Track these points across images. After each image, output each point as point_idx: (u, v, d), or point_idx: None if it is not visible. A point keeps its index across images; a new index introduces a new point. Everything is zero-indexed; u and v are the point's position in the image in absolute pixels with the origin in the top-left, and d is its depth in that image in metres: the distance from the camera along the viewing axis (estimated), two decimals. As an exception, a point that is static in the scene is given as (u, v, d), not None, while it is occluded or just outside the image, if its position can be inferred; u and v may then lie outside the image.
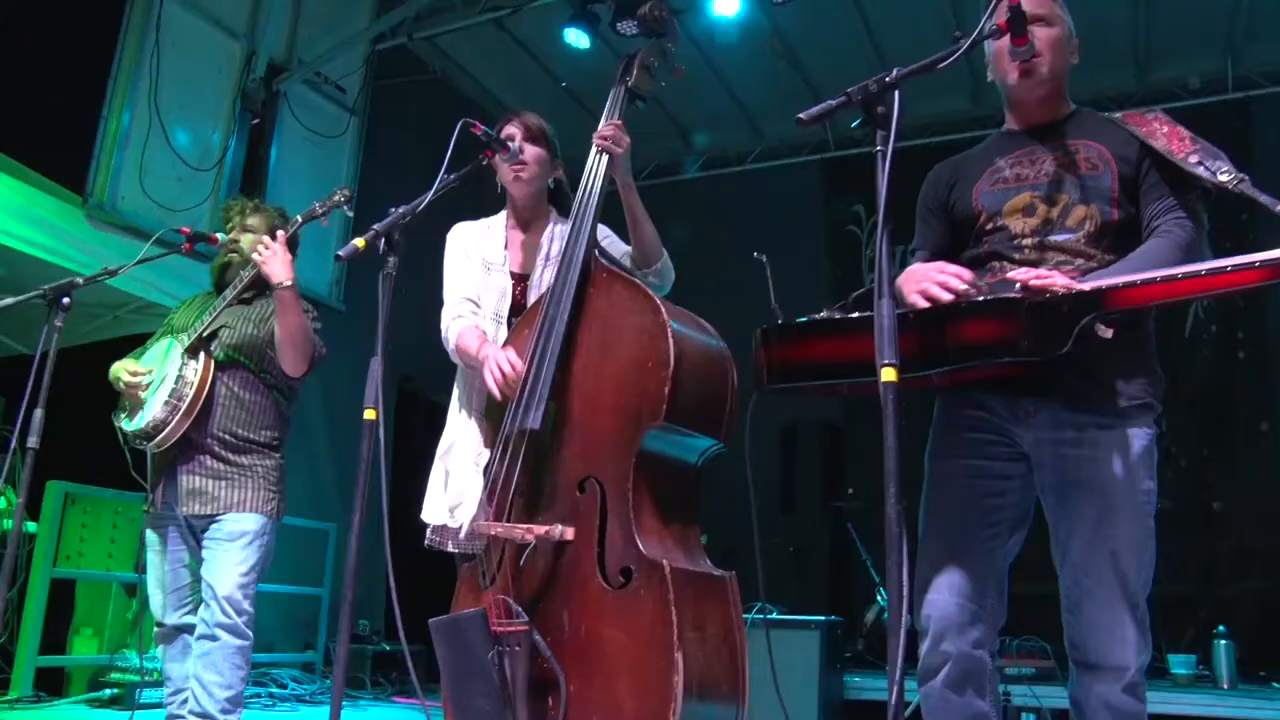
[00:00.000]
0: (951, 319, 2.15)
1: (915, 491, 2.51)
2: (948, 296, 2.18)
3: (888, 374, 1.78)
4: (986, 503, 2.41)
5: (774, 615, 5.39)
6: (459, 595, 2.76)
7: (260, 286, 3.52)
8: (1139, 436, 2.30)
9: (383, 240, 2.62)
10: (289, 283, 3.32)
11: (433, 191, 2.70)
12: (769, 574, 2.77)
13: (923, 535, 2.45)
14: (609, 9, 6.46)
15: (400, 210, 2.67)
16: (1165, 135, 2.36)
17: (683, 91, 7.54)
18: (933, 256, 2.60)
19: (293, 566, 6.46)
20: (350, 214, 3.59)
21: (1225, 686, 5.83)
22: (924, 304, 2.21)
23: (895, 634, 1.72)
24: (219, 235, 3.63)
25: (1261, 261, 1.91)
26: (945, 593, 2.36)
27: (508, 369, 2.70)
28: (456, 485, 2.96)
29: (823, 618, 5.46)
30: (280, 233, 3.42)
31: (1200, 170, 2.25)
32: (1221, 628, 6.01)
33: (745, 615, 2.53)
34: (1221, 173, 2.23)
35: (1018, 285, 2.14)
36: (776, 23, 7.08)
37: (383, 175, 7.25)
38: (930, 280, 2.22)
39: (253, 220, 3.64)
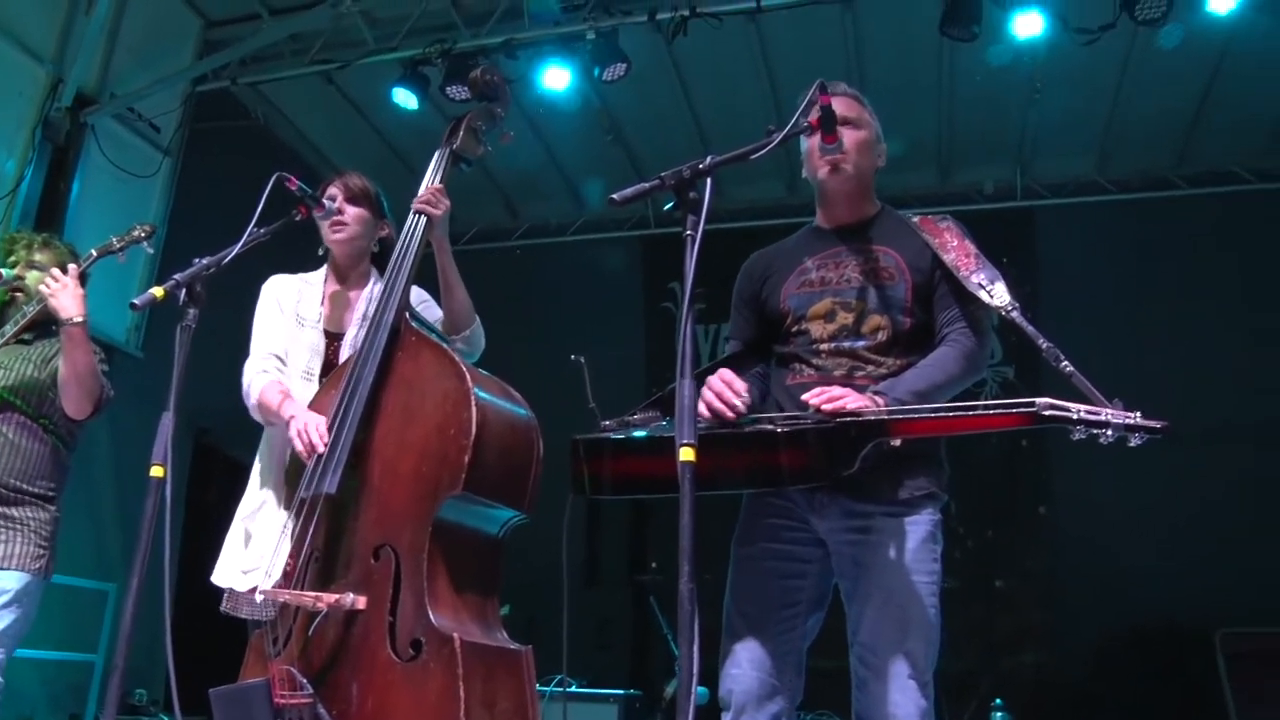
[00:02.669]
0: (752, 448, 2.29)
1: (719, 568, 2.59)
2: (729, 414, 2.33)
3: (685, 454, 1.84)
4: (786, 584, 2.53)
5: (573, 688, 5.36)
6: (247, 663, 2.65)
7: (41, 326, 3.33)
8: (923, 523, 2.44)
9: (183, 291, 2.53)
10: (80, 318, 3.15)
11: (240, 244, 2.63)
12: (571, 646, 2.76)
13: (727, 613, 2.55)
14: (440, 72, 6.46)
15: (204, 261, 2.59)
16: (955, 249, 2.55)
17: (509, 159, 7.59)
18: (745, 346, 2.77)
19: (65, 629, 6.01)
20: (151, 250, 3.43)
21: (1001, 758, 6.12)
22: (707, 414, 2.35)
23: (684, 711, 1.75)
24: (3, 271, 3.41)
25: (1018, 410, 2.11)
26: (747, 667, 2.46)
27: (315, 439, 2.61)
28: (258, 549, 2.85)
29: (622, 691, 5.46)
30: (72, 266, 3.25)
31: (980, 293, 2.45)
32: (999, 700, 6.32)
33: (543, 688, 2.51)
34: (997, 296, 2.42)
35: (810, 409, 2.28)
36: (605, 100, 7.23)
37: (194, 221, 6.96)
38: (712, 392, 2.37)
39: (40, 256, 3.44)
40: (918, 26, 6.11)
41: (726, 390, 2.36)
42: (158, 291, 2.52)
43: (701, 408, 2.35)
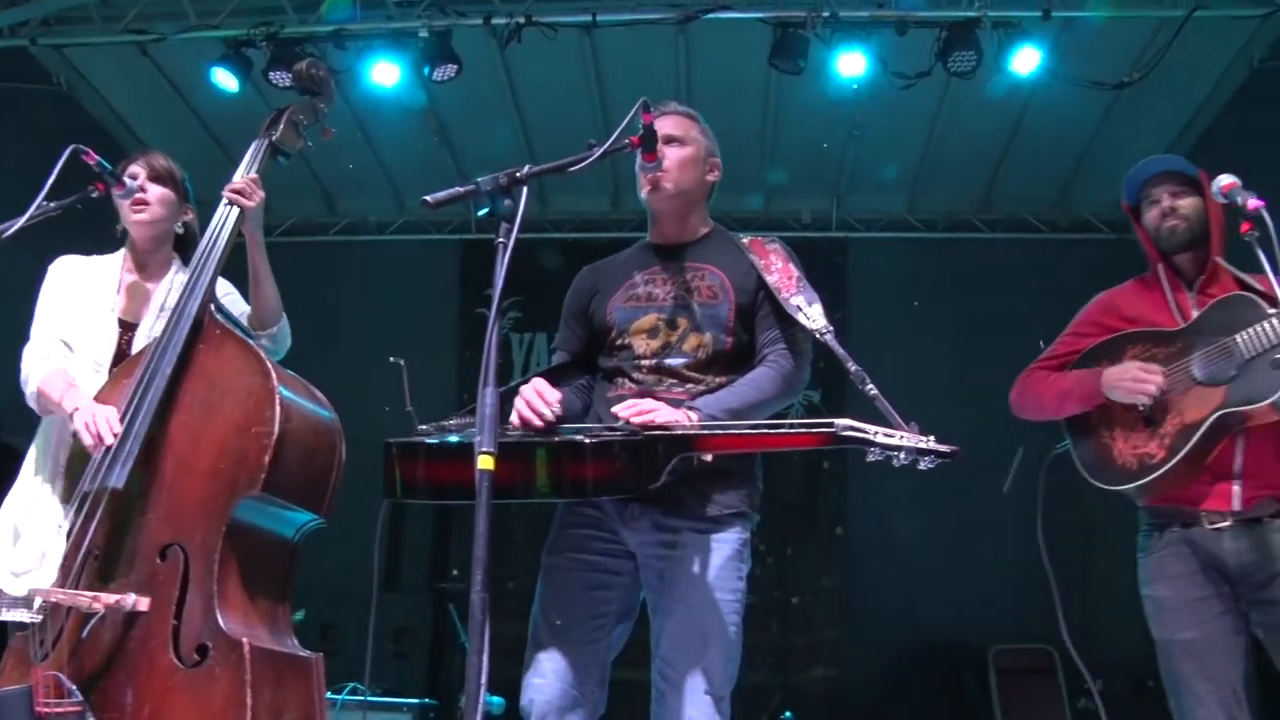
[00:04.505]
0: (560, 458, 2.28)
1: (524, 577, 2.58)
2: (537, 423, 2.34)
3: (484, 462, 1.82)
4: (593, 595, 2.54)
5: (368, 697, 5.23)
6: (5, 669, 2.48)
7: None
8: (730, 541, 2.50)
9: (-45, 265, 2.35)
10: None
11: (25, 217, 2.47)
12: (366, 654, 2.70)
13: (534, 622, 2.55)
14: (264, 55, 6.22)
15: (-18, 234, 2.41)
16: (779, 271, 2.62)
17: (330, 153, 7.35)
18: (572, 358, 2.77)
19: None
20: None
21: (788, 770, 6.32)
22: (517, 422, 2.35)
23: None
24: None
25: (818, 430, 2.21)
26: (550, 678, 2.46)
27: (104, 431, 2.47)
28: (30, 546, 2.67)
29: (417, 700, 5.38)
30: None
31: (798, 315, 2.51)
32: (788, 714, 6.52)
33: (335, 696, 2.45)
34: (814, 319, 2.50)
35: (621, 421, 2.30)
36: (434, 99, 7.12)
37: (-21, 189, 6.48)
38: (523, 400, 2.37)
39: None
40: (748, 55, 6.26)
41: (536, 399, 2.36)
42: (-76, 263, 2.33)
43: (514, 417, 2.35)
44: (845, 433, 2.14)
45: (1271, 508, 2.76)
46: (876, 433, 2.12)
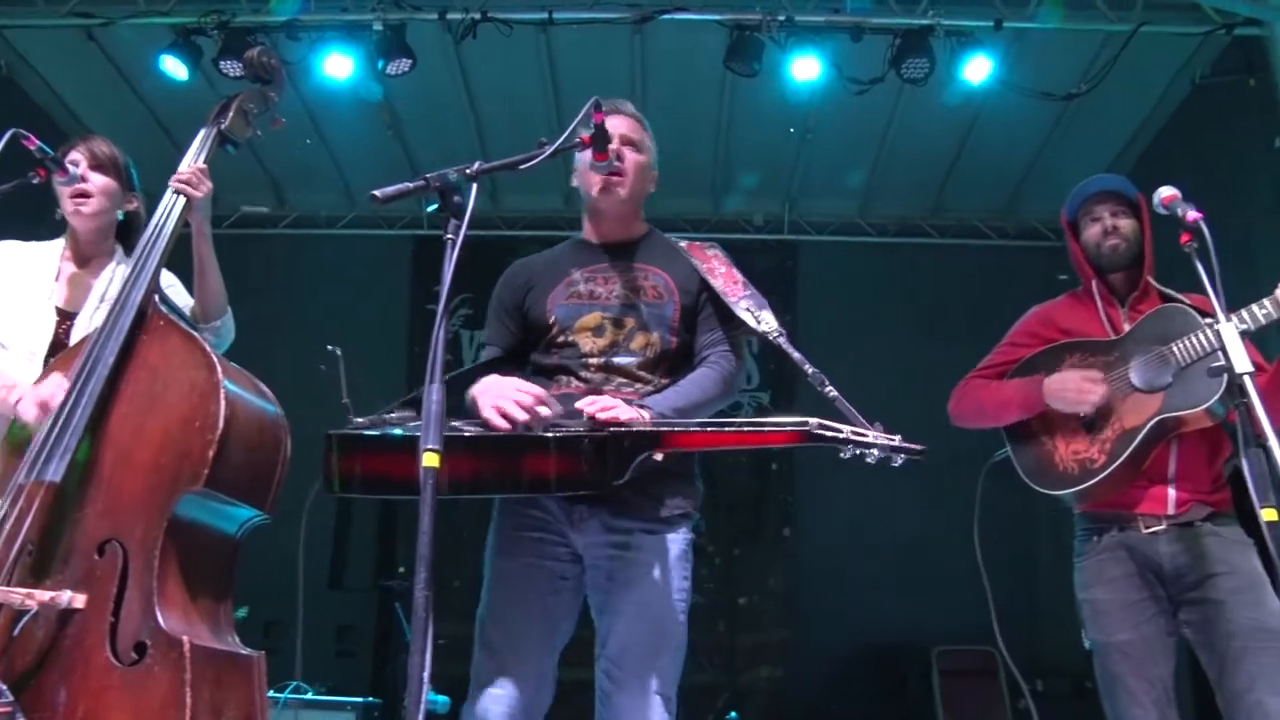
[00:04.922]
0: (524, 451, 2.26)
1: (469, 575, 2.56)
2: (524, 417, 2.28)
3: (429, 459, 1.80)
4: (545, 600, 2.53)
5: (309, 695, 5.17)
6: (-74, 671, 2.40)
7: None
8: (677, 542, 2.51)
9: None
10: None
11: (-39, 203, 2.41)
12: (311, 652, 2.66)
13: (484, 628, 2.52)
14: (215, 44, 6.12)
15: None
16: (723, 275, 2.63)
17: (281, 144, 7.26)
18: (503, 354, 2.73)
19: None
20: None
21: (732, 770, 6.35)
22: (500, 422, 2.29)
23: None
24: None
25: (791, 428, 2.21)
26: (508, 686, 2.44)
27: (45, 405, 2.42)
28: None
29: (360, 699, 5.33)
30: None
31: (747, 317, 2.54)
32: (733, 714, 6.55)
33: (277, 695, 2.41)
34: (763, 322, 2.52)
35: (584, 416, 2.29)
36: (388, 93, 7.06)
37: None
38: (508, 399, 2.31)
39: None
40: (703, 57, 6.29)
41: (526, 396, 2.31)
42: None
43: (492, 415, 2.31)
44: (819, 431, 2.16)
45: (1203, 512, 2.85)
46: (848, 431, 2.16)
